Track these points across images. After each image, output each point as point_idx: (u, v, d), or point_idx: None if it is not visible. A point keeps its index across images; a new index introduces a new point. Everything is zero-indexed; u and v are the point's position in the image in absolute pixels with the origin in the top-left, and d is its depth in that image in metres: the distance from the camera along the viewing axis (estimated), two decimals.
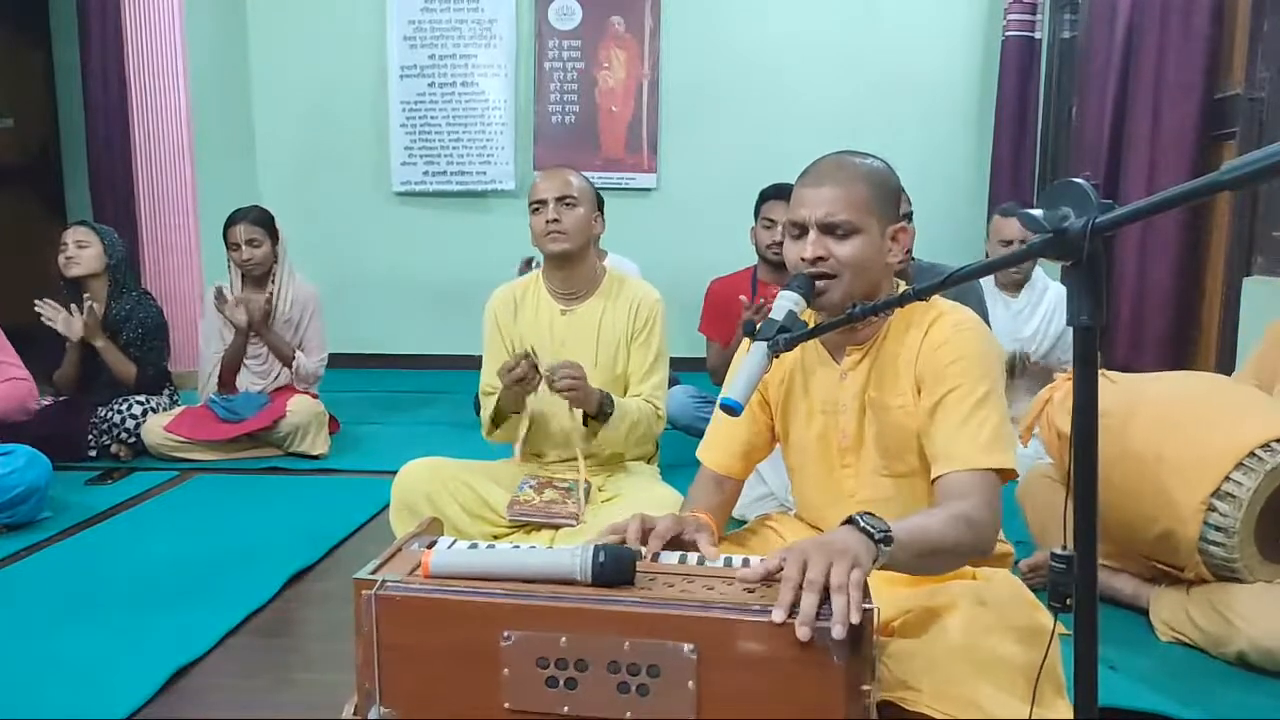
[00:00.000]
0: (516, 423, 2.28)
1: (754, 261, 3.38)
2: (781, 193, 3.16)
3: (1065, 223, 0.91)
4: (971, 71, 5.09)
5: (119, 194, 4.56)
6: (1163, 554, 1.89)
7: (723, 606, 1.05)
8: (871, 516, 1.15)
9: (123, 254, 3.48)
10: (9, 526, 2.58)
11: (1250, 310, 2.95)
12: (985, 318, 2.52)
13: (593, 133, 5.28)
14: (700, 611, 1.05)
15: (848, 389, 1.53)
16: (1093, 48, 4.00)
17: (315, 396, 3.57)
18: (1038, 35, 4.75)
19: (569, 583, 1.11)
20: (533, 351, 2.13)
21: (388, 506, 2.17)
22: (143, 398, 3.46)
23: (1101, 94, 3.81)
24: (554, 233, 2.22)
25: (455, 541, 1.28)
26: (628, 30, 5.20)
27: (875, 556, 1.10)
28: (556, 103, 5.29)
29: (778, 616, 1.01)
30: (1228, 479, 1.74)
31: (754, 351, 1.35)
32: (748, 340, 1.43)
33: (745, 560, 1.27)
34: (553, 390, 2.10)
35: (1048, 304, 3.38)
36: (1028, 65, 4.76)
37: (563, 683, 1.07)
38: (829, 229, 1.44)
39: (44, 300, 3.30)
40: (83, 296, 3.36)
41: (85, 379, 3.44)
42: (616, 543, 1.26)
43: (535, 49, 5.25)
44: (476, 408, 2.43)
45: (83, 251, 3.37)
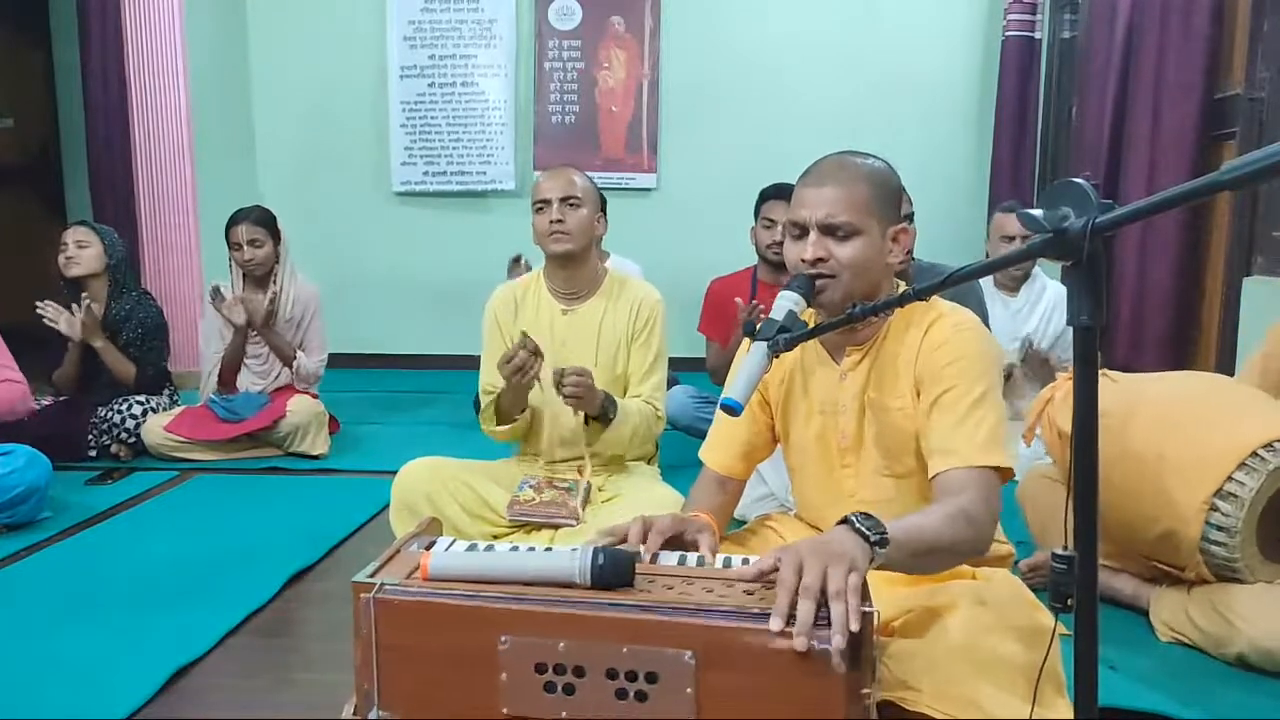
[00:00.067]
0: (522, 423, 2.28)
1: (754, 261, 3.38)
2: (781, 193, 3.16)
3: (1065, 223, 0.91)
4: (971, 71, 5.09)
5: (119, 194, 4.56)
6: (1163, 554, 1.89)
7: (721, 612, 1.05)
8: (867, 517, 1.13)
9: (123, 254, 3.48)
10: (9, 526, 2.58)
11: (1250, 310, 2.95)
12: (985, 318, 2.52)
13: (593, 133, 5.28)
14: (699, 618, 1.04)
15: (847, 389, 1.53)
16: (1093, 48, 4.00)
17: (315, 396, 3.57)
18: (1038, 35, 4.75)
19: (568, 585, 1.11)
20: (526, 336, 2.09)
21: (388, 506, 2.17)
22: (143, 398, 3.46)
23: (1101, 94, 3.81)
24: (557, 233, 2.22)
25: (454, 542, 1.28)
26: (628, 30, 5.20)
27: (871, 558, 1.10)
28: (556, 103, 5.29)
29: (775, 625, 1.00)
30: (1230, 479, 1.74)
31: (754, 351, 1.35)
32: (748, 340, 1.43)
33: (745, 561, 1.27)
34: (559, 394, 2.10)
35: (1046, 303, 3.38)
36: (1028, 65, 4.76)
37: (561, 688, 1.06)
38: (829, 230, 1.44)
39: (45, 302, 3.31)
40: (81, 296, 3.36)
41: (85, 379, 3.44)
42: (615, 544, 1.26)
43: (535, 49, 5.25)
44: (476, 407, 2.43)
45: (83, 251, 3.37)
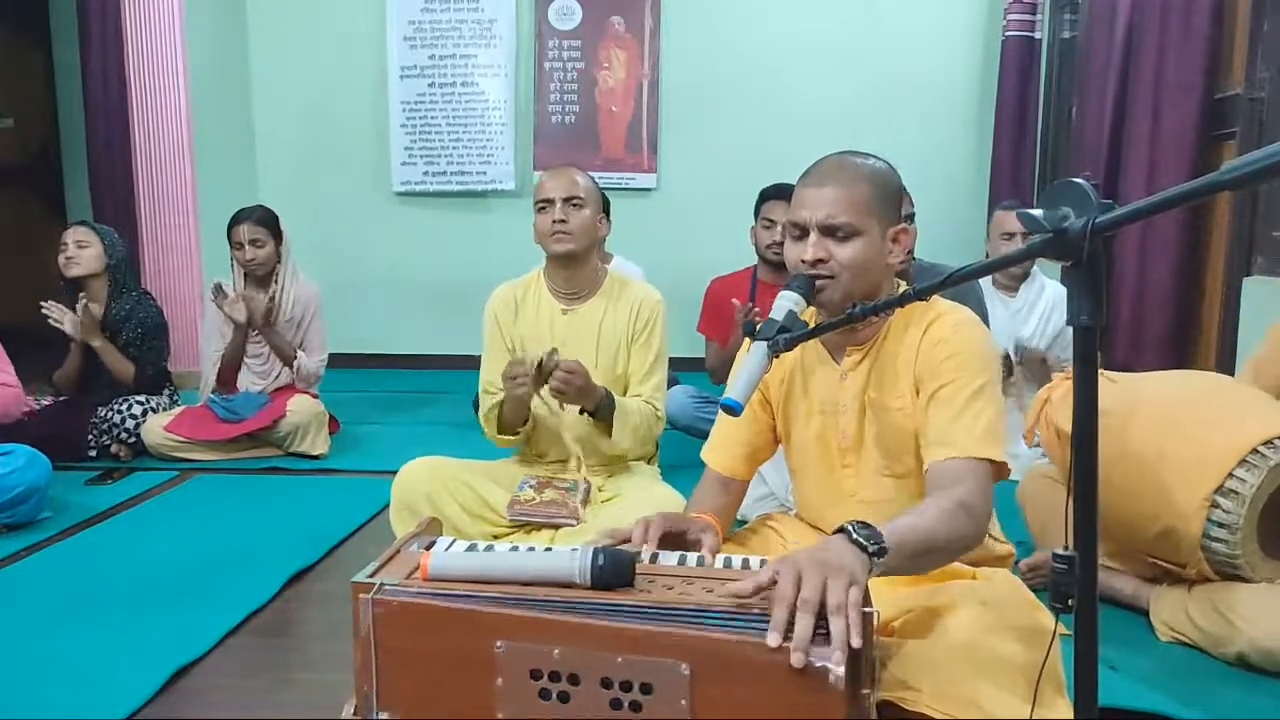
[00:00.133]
0: (524, 436, 2.27)
1: (754, 261, 3.38)
2: (781, 193, 3.16)
3: (1065, 223, 0.91)
4: (971, 71, 5.09)
5: (119, 194, 4.56)
6: (1164, 552, 1.89)
7: (718, 620, 1.03)
8: (864, 526, 1.12)
9: (123, 254, 3.48)
10: (9, 526, 2.58)
11: (1250, 310, 2.95)
12: (985, 318, 2.52)
13: (593, 133, 5.28)
14: (695, 630, 1.02)
15: (848, 390, 1.53)
16: (1093, 48, 3.99)
17: (315, 396, 3.57)
18: (1038, 35, 4.75)
19: (568, 585, 1.10)
20: (546, 357, 2.08)
21: (388, 506, 2.17)
22: (143, 398, 3.46)
23: (1101, 94, 3.81)
24: (560, 233, 2.22)
25: (454, 542, 1.28)
26: (628, 30, 5.20)
27: (870, 569, 1.09)
28: (556, 103, 5.28)
29: (773, 640, 0.98)
30: (1231, 475, 1.74)
31: (754, 351, 1.35)
32: (749, 340, 1.43)
33: (745, 561, 1.27)
34: (545, 383, 2.10)
35: (1045, 302, 3.37)
36: (1028, 65, 4.75)
37: (556, 695, 1.06)
38: (830, 231, 1.43)
39: (50, 302, 3.30)
40: (79, 296, 3.36)
41: (85, 379, 3.44)
42: (617, 544, 1.26)
43: (535, 49, 5.25)
44: (476, 407, 2.43)
45: (83, 251, 3.37)
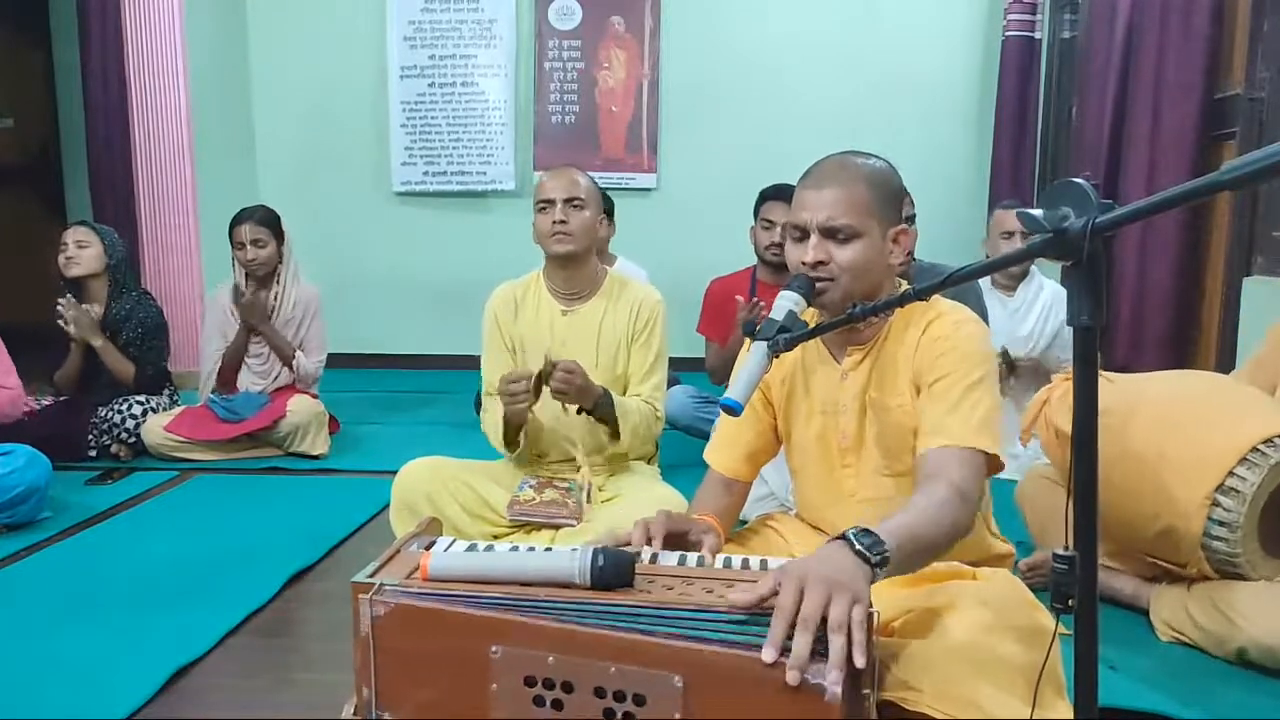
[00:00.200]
0: (528, 438, 2.28)
1: (754, 262, 3.38)
2: (781, 193, 3.15)
3: (1065, 223, 0.91)
4: (971, 71, 5.09)
5: (119, 194, 4.56)
6: (1164, 551, 1.89)
7: (716, 626, 1.02)
8: (867, 534, 1.11)
9: (123, 254, 3.48)
10: (9, 526, 2.58)
11: (1250, 310, 2.95)
12: (984, 316, 2.52)
13: (593, 133, 5.27)
14: (689, 642, 1.01)
15: (848, 389, 1.53)
16: (1093, 48, 3.99)
17: (315, 396, 3.57)
18: (1038, 35, 4.75)
19: (568, 585, 1.10)
20: (545, 365, 2.09)
21: (388, 506, 2.17)
22: (143, 398, 3.46)
23: (1101, 94, 3.81)
24: (560, 233, 2.22)
25: (454, 542, 1.28)
26: (628, 30, 5.20)
27: (872, 579, 1.08)
28: (556, 103, 5.28)
29: (768, 656, 0.96)
30: (1231, 474, 1.74)
31: (754, 351, 1.35)
32: (749, 340, 1.43)
33: (745, 561, 1.27)
34: (546, 385, 2.10)
35: (1043, 302, 3.36)
36: (1028, 65, 4.76)
37: (549, 703, 1.06)
38: (830, 233, 1.44)
39: (68, 299, 3.30)
40: (80, 296, 3.37)
41: (85, 379, 3.44)
42: (619, 545, 1.26)
43: (535, 49, 5.25)
44: (477, 407, 2.42)
45: (83, 251, 3.37)
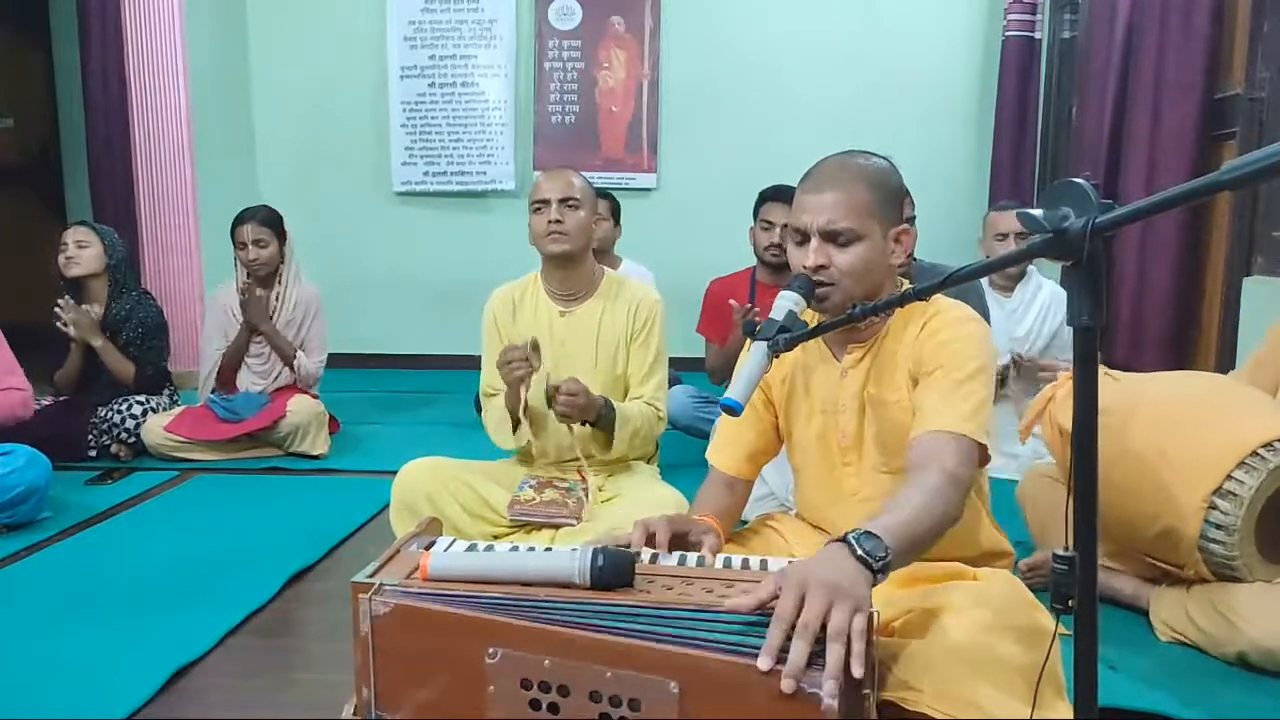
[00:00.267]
0: (524, 429, 2.28)
1: (754, 262, 3.38)
2: (780, 194, 3.15)
3: (1065, 223, 0.91)
4: (971, 71, 5.09)
5: (119, 194, 4.56)
6: (1163, 552, 1.89)
7: (714, 628, 1.02)
8: (869, 539, 1.11)
9: (123, 254, 3.48)
10: (9, 526, 2.57)
11: (1250, 310, 2.95)
12: (986, 317, 2.52)
13: (593, 133, 5.27)
14: (686, 648, 1.00)
15: (848, 388, 1.54)
16: (1093, 48, 3.99)
17: (315, 396, 3.57)
18: (1038, 35, 4.75)
19: (567, 585, 1.10)
20: (536, 346, 2.11)
21: (388, 506, 2.17)
22: (143, 398, 3.46)
23: (1101, 94, 3.81)
24: (555, 234, 2.23)
25: (454, 542, 1.28)
26: (628, 30, 5.20)
27: (873, 584, 1.08)
28: (556, 103, 5.28)
29: (763, 664, 0.95)
30: (1230, 477, 1.74)
31: (754, 352, 1.35)
32: (749, 340, 1.43)
33: (745, 561, 1.27)
34: (549, 408, 2.12)
35: (1042, 302, 3.36)
36: (1028, 65, 4.76)
37: (545, 706, 1.06)
38: (830, 236, 1.44)
39: (67, 300, 3.30)
40: (80, 296, 3.37)
41: (86, 379, 3.43)
42: (619, 545, 1.26)
43: (535, 49, 5.25)
44: (477, 407, 2.43)
45: (83, 251, 3.37)
